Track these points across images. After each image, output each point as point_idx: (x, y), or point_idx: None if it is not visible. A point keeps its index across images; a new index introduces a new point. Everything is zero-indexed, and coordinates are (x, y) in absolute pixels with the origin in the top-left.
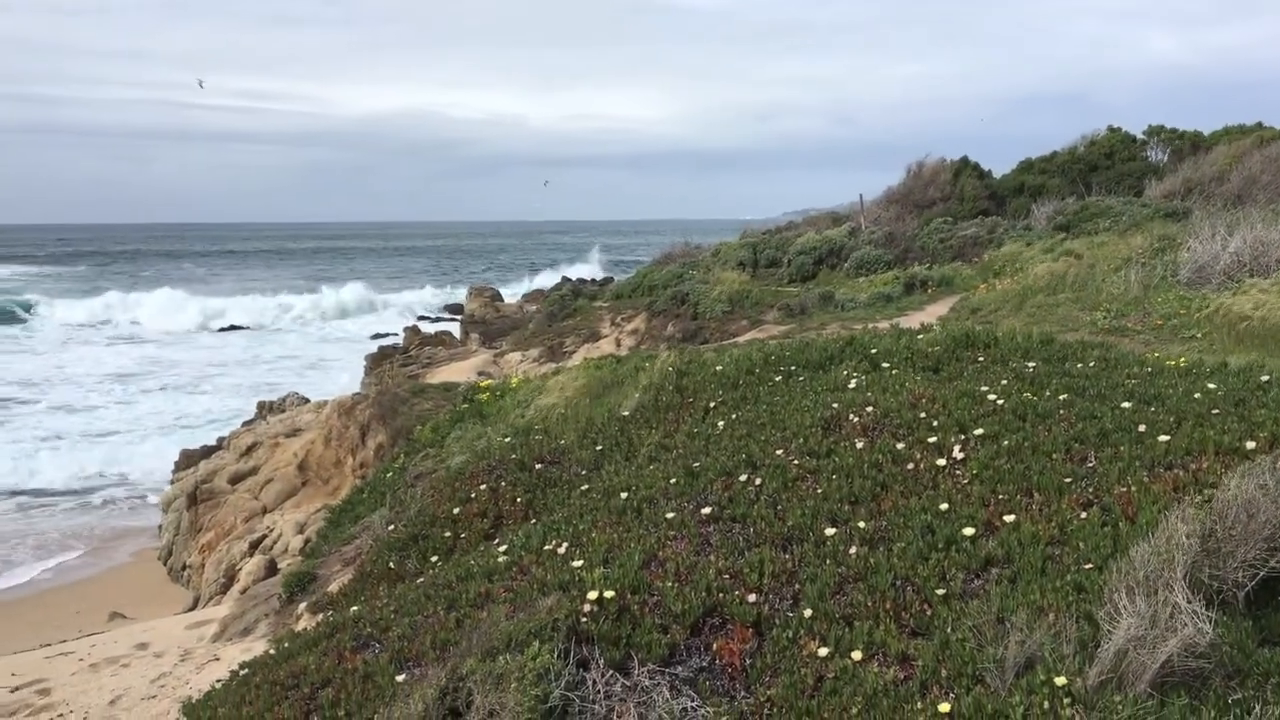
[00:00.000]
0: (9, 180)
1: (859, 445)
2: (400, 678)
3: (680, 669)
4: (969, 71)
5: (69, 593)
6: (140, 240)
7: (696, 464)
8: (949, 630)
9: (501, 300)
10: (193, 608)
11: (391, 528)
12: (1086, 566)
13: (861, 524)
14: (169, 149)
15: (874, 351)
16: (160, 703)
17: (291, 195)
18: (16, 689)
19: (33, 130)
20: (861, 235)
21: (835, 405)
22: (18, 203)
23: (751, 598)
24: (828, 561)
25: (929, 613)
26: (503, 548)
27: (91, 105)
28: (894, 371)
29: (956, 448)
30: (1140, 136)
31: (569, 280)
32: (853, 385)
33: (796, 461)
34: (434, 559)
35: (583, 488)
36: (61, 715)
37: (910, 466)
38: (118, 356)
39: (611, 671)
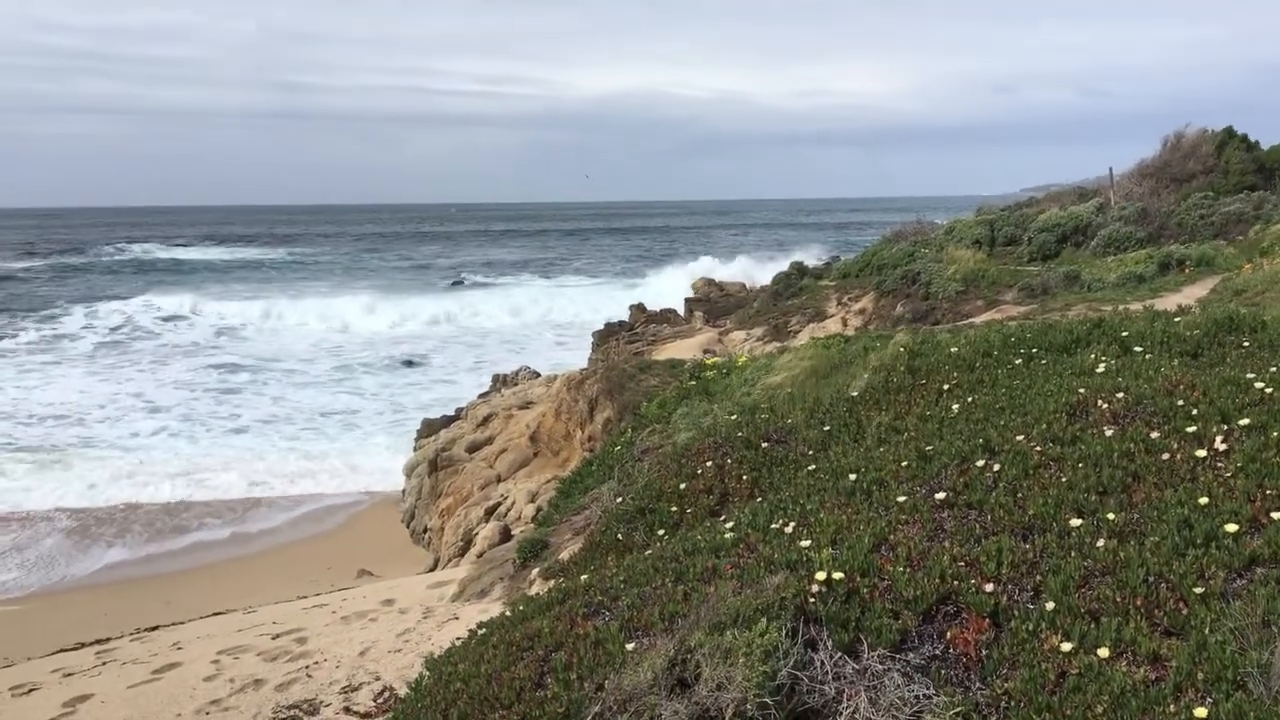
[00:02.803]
0: (272, 164)
1: (1108, 433)
2: (630, 646)
3: (912, 656)
4: (1235, 35)
5: (317, 547)
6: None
7: (929, 448)
8: (1207, 631)
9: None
10: (433, 568)
11: (619, 500)
12: None
13: (1110, 516)
14: (414, 132)
15: (1125, 334)
16: (405, 656)
17: (526, 175)
18: (277, 636)
19: (292, 116)
20: (1111, 211)
21: (1082, 390)
22: (274, 185)
23: (989, 587)
24: (1072, 553)
25: (1184, 612)
26: (729, 524)
27: (345, 92)
28: (1147, 356)
29: (1219, 438)
30: None
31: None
32: (1101, 369)
33: (1038, 448)
34: (660, 532)
35: (810, 468)
36: (317, 663)
37: (1165, 457)
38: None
39: (840, 654)
